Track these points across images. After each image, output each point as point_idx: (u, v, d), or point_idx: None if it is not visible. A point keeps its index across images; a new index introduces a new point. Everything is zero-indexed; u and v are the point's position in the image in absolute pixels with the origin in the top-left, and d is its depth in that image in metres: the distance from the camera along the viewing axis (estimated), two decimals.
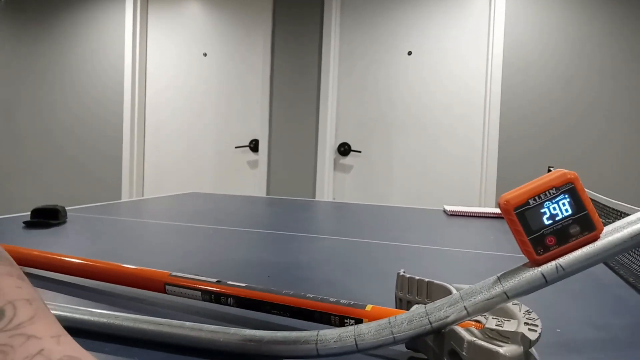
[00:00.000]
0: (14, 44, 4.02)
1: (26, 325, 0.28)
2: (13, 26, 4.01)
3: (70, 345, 0.28)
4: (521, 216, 0.37)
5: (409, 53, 3.21)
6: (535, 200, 0.37)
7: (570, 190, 0.37)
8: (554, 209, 0.37)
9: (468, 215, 1.60)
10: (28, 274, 0.70)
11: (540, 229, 0.37)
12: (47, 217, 1.13)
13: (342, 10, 3.33)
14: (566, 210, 0.37)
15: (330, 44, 3.28)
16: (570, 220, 0.37)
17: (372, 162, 3.30)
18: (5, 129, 4.07)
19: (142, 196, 3.85)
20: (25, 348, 0.26)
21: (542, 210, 0.37)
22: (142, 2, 3.71)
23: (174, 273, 0.58)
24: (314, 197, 3.35)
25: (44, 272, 0.71)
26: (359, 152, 3.32)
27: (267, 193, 3.46)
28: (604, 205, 0.98)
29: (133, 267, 0.62)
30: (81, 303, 0.58)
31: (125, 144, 3.73)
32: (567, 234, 0.37)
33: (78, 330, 0.48)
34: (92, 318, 0.48)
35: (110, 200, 3.80)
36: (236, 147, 3.54)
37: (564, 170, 0.37)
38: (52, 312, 0.49)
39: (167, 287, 0.57)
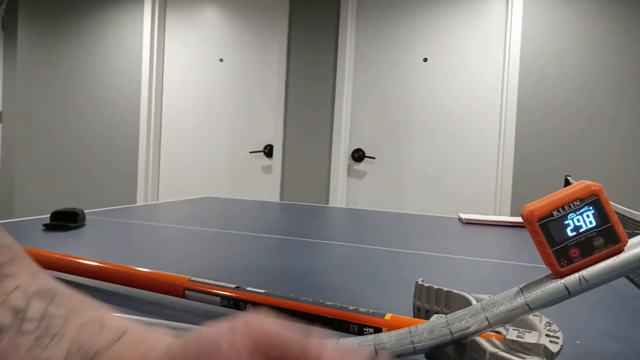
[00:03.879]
0: (33, 50, 4.09)
1: (4, 266, 0.30)
2: (33, 32, 4.08)
3: (45, 279, 0.31)
4: (545, 228, 0.37)
5: (425, 60, 3.20)
6: (559, 211, 0.37)
7: (595, 202, 0.36)
8: (578, 220, 0.37)
9: (484, 224, 1.59)
10: None
11: (564, 241, 0.37)
12: (66, 220, 1.15)
13: (358, 17, 3.34)
14: (590, 222, 0.36)
15: (346, 50, 3.28)
16: (594, 233, 0.36)
17: (386, 168, 3.30)
18: (25, 133, 4.14)
19: (157, 200, 3.88)
20: (3, 285, 0.29)
21: (566, 222, 0.37)
22: (159, 9, 3.76)
23: (193, 278, 0.59)
24: (328, 203, 3.35)
25: (64, 275, 0.71)
26: (373, 158, 3.31)
27: (281, 198, 3.47)
28: (623, 215, 0.97)
29: (152, 271, 0.63)
30: None
31: (142, 148, 3.77)
32: (591, 246, 0.36)
33: None
34: None
35: (126, 203, 3.83)
36: (250, 152, 3.56)
37: (589, 182, 0.37)
38: None
39: (186, 292, 0.58)
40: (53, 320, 0.28)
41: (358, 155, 3.32)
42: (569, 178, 1.91)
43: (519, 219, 1.60)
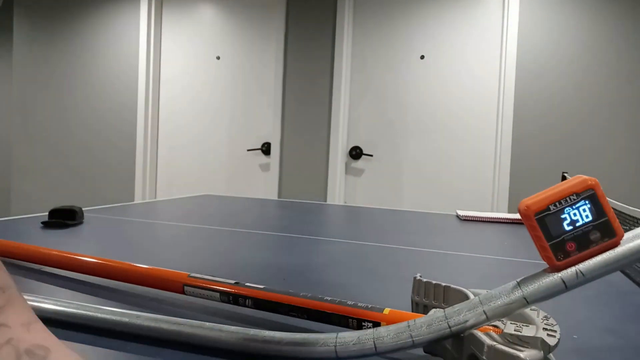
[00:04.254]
0: (29, 47, 4.07)
1: None
2: (29, 29, 4.07)
3: (40, 333, 0.29)
4: (541, 222, 0.37)
5: (422, 57, 3.20)
6: (555, 206, 0.37)
7: (591, 196, 0.37)
8: (575, 215, 0.37)
9: (481, 221, 1.59)
10: (47, 274, 0.71)
11: (561, 235, 0.37)
12: (64, 218, 1.15)
13: (355, 14, 3.34)
14: (587, 217, 0.37)
15: (343, 47, 3.28)
16: (591, 227, 0.37)
17: (384, 166, 3.30)
18: (22, 130, 4.13)
19: (155, 198, 3.87)
20: None
21: (563, 216, 0.37)
22: (156, 6, 3.75)
23: (192, 274, 0.59)
24: (325, 201, 3.35)
25: (63, 272, 0.72)
26: (371, 155, 3.32)
27: (279, 196, 3.47)
28: (621, 212, 0.97)
29: (152, 267, 0.63)
30: (100, 302, 0.59)
31: (139, 146, 3.77)
32: (588, 240, 0.37)
33: (100, 329, 0.49)
34: (113, 317, 0.49)
35: (124, 201, 3.83)
36: (248, 150, 3.56)
37: (585, 177, 0.37)
38: (75, 310, 0.50)
39: (185, 287, 0.58)
40: None
41: (356, 153, 3.33)
42: (566, 175, 1.92)
43: (516, 216, 1.60)
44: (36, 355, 0.27)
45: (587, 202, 0.37)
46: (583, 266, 0.37)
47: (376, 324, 0.47)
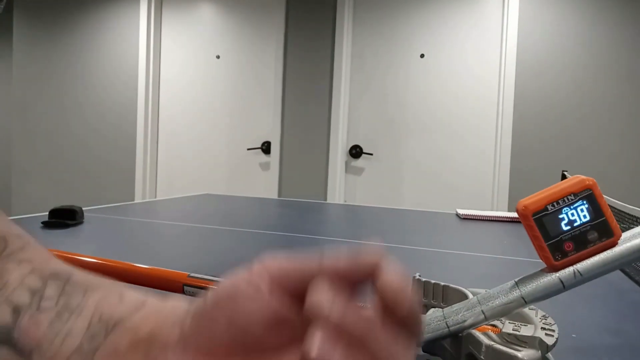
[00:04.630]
0: (29, 47, 4.07)
1: (18, 252, 0.31)
2: (29, 29, 4.07)
3: (59, 263, 0.31)
4: (539, 222, 0.37)
5: (422, 56, 3.20)
6: (553, 206, 0.37)
7: (589, 196, 0.37)
8: (572, 215, 0.37)
9: (481, 219, 1.60)
10: None
11: (558, 235, 0.37)
12: (64, 218, 1.15)
13: (355, 13, 3.34)
14: (584, 217, 0.37)
15: (343, 46, 3.28)
16: (589, 227, 0.37)
17: (384, 164, 3.30)
18: (22, 130, 4.13)
19: (155, 197, 3.88)
20: (20, 269, 0.29)
21: (560, 216, 0.37)
22: (156, 5, 3.75)
23: (192, 274, 0.59)
24: (325, 200, 3.36)
25: None
26: (371, 154, 3.32)
27: (279, 195, 3.47)
28: (620, 210, 0.97)
29: (151, 267, 0.63)
30: None
31: (139, 146, 3.77)
32: (585, 240, 0.37)
33: None
34: None
35: (124, 200, 3.83)
36: (248, 149, 3.56)
37: (583, 177, 0.37)
38: None
39: (185, 287, 0.58)
40: (71, 297, 0.28)
41: (356, 152, 3.33)
42: (565, 173, 1.92)
43: (516, 215, 1.60)
44: (61, 276, 0.29)
45: (584, 202, 0.37)
46: (581, 266, 0.37)
47: None
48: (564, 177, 1.99)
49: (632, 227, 0.41)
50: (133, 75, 3.78)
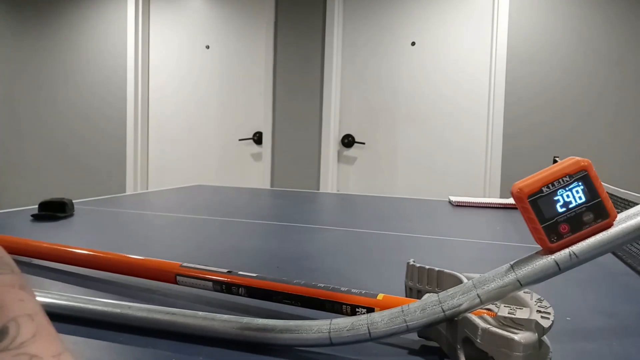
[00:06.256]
0: (15, 40, 4.01)
1: (28, 344, 0.28)
2: (14, 22, 4.00)
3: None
4: (534, 204, 0.37)
5: (413, 44, 3.19)
6: (548, 188, 0.37)
7: (584, 177, 0.37)
8: (568, 196, 0.37)
9: (474, 206, 1.60)
10: (38, 266, 0.70)
11: (554, 217, 0.37)
12: (54, 210, 1.13)
13: (345, 1, 3.31)
14: (580, 198, 0.37)
15: (333, 35, 3.26)
16: (584, 208, 0.37)
17: (376, 153, 3.30)
18: (9, 125, 4.08)
19: (147, 189, 3.85)
20: None
21: (556, 198, 0.37)
22: None
23: (184, 264, 0.58)
24: (318, 189, 3.35)
25: (54, 264, 0.71)
26: (363, 143, 3.31)
27: (271, 185, 3.46)
28: (612, 194, 0.98)
29: (144, 258, 0.62)
30: (92, 294, 0.59)
31: (129, 138, 3.74)
32: (581, 222, 0.37)
33: (92, 321, 0.49)
34: (105, 309, 0.48)
35: (115, 193, 3.81)
36: (240, 140, 3.54)
37: (578, 158, 0.37)
38: (66, 302, 0.49)
39: (178, 277, 0.58)
40: None
41: (348, 141, 3.32)
42: (557, 159, 1.93)
43: (508, 201, 1.61)
44: None
45: (580, 183, 0.37)
46: (576, 248, 0.37)
47: (370, 310, 0.47)
48: (555, 162, 2.00)
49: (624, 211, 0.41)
50: (122, 66, 3.74)
